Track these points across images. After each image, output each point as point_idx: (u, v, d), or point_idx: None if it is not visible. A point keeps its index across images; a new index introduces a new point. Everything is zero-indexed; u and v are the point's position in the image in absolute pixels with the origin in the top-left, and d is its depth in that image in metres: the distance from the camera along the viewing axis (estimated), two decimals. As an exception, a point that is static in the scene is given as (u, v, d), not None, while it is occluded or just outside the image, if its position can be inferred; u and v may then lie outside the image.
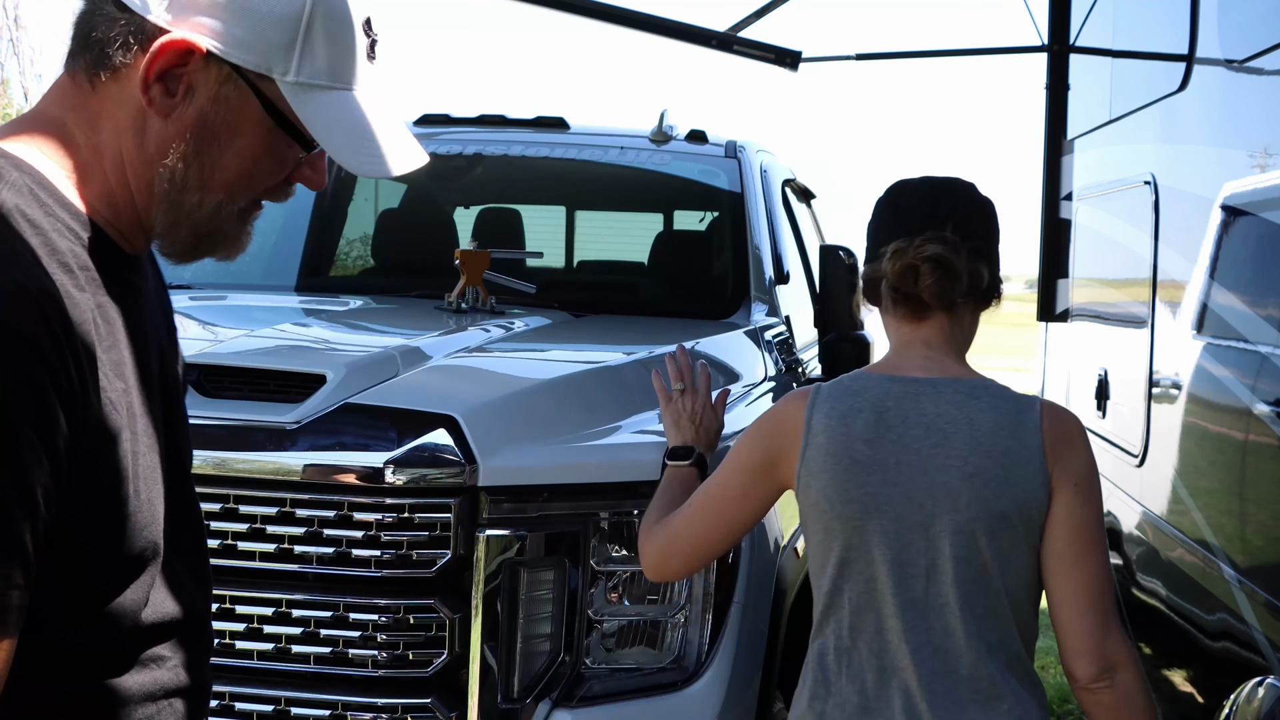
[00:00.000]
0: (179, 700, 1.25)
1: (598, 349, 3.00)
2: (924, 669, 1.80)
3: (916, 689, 1.80)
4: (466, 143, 4.14)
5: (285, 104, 1.18)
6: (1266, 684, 2.30)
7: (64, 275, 1.10)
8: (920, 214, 1.91)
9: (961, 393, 1.85)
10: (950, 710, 1.79)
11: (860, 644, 1.84)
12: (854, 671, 1.84)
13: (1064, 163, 4.43)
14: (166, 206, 1.19)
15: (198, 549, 1.34)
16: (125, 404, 1.15)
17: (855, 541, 1.84)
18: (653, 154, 4.06)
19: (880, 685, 1.82)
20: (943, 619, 1.81)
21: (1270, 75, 2.61)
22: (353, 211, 4.47)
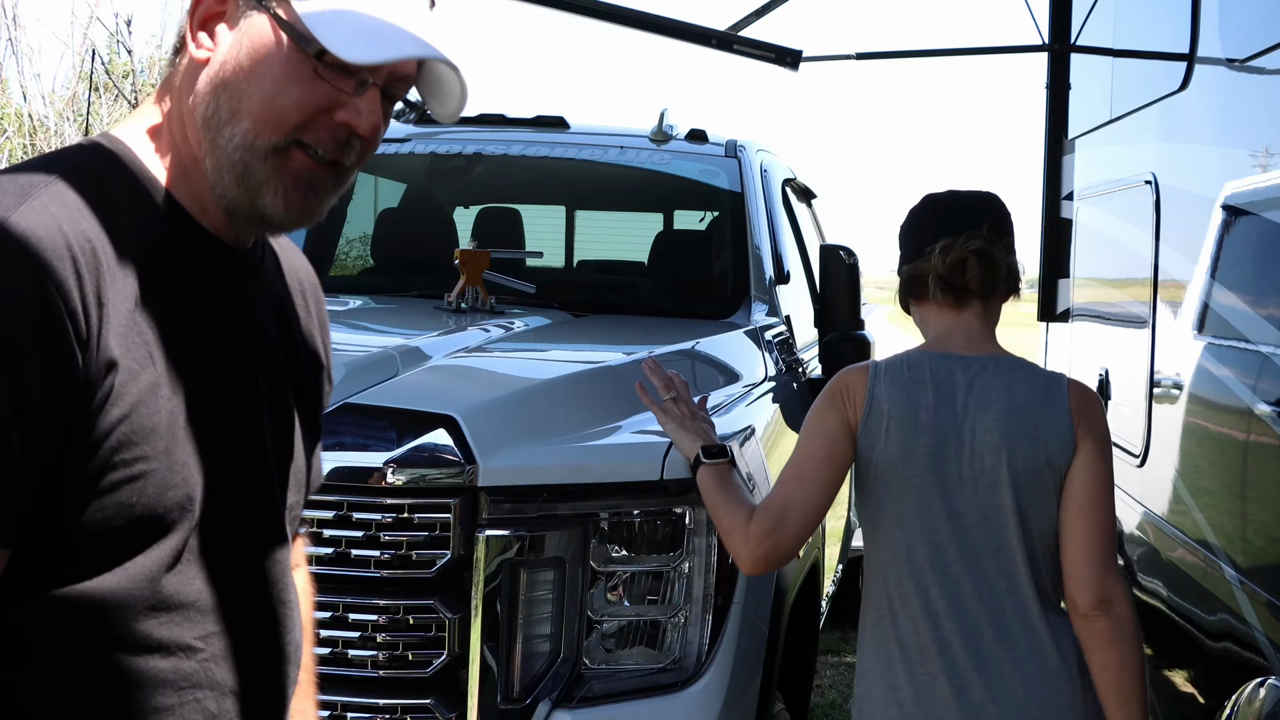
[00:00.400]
0: (208, 697, 1.20)
1: (598, 349, 2.99)
2: (981, 610, 2.09)
3: (977, 629, 2.09)
4: (466, 142, 4.14)
5: (296, 18, 1.18)
6: (1268, 684, 2.30)
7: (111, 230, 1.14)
8: (960, 218, 2.22)
9: (1002, 367, 2.18)
10: (1006, 647, 2.08)
11: (921, 591, 2.11)
12: (916, 616, 2.10)
13: (1065, 162, 4.43)
14: (208, 149, 1.21)
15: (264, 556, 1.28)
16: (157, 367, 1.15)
17: (915, 497, 2.11)
18: (653, 154, 4.06)
19: (939, 629, 2.09)
20: (996, 563, 2.10)
21: (1271, 75, 2.61)
22: (353, 211, 4.47)
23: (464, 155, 4.13)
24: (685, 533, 2.24)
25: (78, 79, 13.02)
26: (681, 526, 2.24)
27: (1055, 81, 4.45)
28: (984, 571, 2.10)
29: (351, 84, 1.19)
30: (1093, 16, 4.15)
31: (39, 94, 13.11)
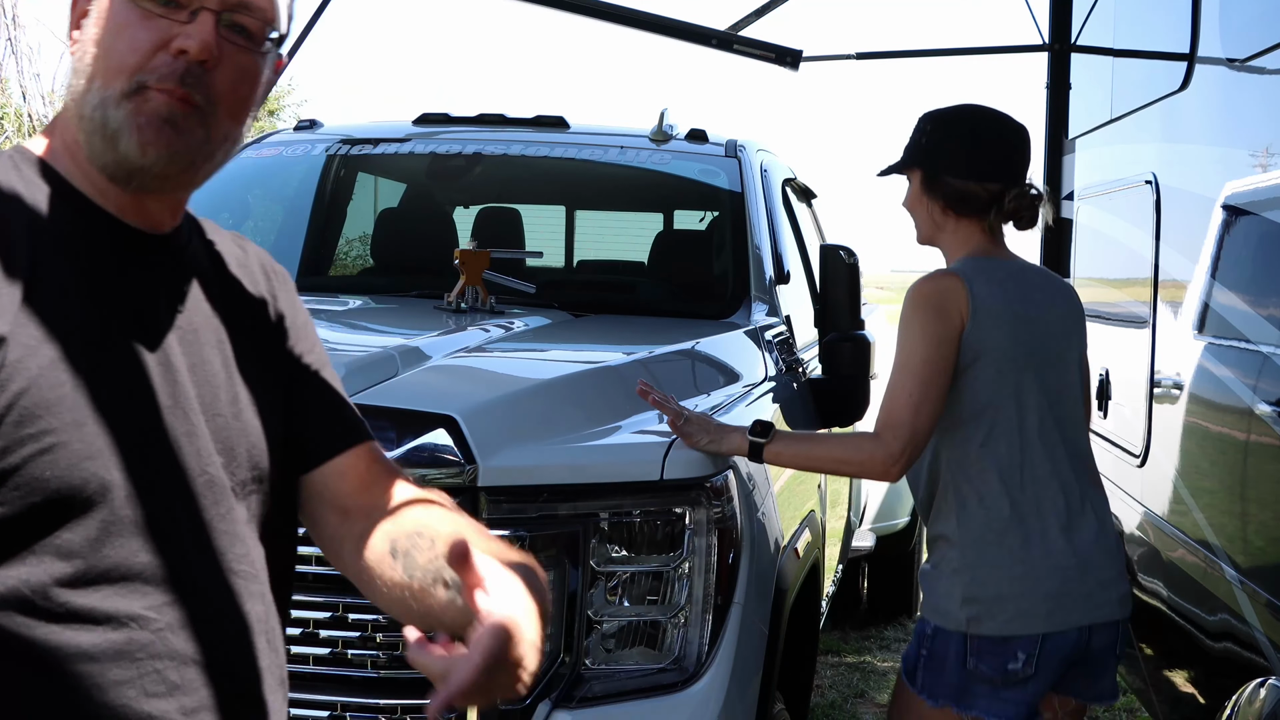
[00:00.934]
0: (169, 667, 1.20)
1: (598, 349, 2.99)
2: (1073, 467, 2.50)
3: (1070, 486, 2.48)
4: (466, 142, 4.14)
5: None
6: (1268, 685, 2.30)
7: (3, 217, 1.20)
8: (1022, 159, 2.60)
9: (1040, 271, 2.69)
10: (1086, 496, 2.50)
11: (1032, 458, 2.45)
12: (1028, 481, 2.45)
13: (1065, 162, 4.43)
14: (79, 123, 1.26)
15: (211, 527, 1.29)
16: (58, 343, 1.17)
17: (1023, 379, 2.46)
18: (653, 153, 4.06)
19: (1048, 488, 2.46)
20: (1075, 429, 2.53)
21: (1271, 74, 2.61)
22: (352, 211, 4.47)
23: (464, 155, 4.12)
24: (685, 533, 2.24)
25: (78, 79, 12.99)
26: (681, 526, 2.24)
27: (1055, 81, 4.45)
28: (1069, 439, 2.50)
29: (184, 14, 1.23)
30: (1093, 16, 4.15)
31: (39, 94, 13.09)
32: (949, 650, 2.46)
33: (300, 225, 4.27)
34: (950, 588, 2.46)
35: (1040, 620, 2.42)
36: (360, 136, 4.26)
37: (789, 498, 2.87)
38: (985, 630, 2.43)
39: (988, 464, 2.45)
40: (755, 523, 2.42)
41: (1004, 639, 2.42)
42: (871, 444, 2.39)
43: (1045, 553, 2.43)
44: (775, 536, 2.69)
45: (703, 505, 2.24)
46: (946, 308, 2.43)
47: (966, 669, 2.44)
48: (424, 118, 4.29)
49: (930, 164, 2.59)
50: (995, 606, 2.42)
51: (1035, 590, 2.42)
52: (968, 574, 2.44)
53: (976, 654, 2.43)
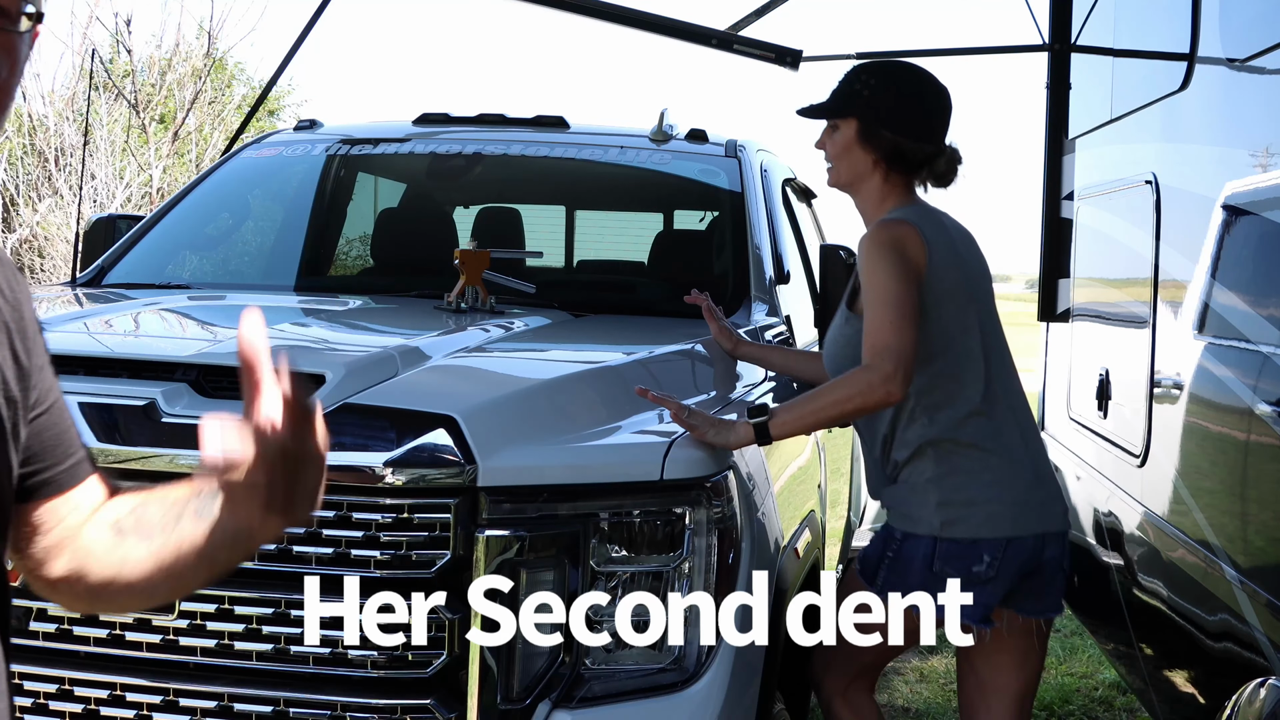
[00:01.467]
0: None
1: (598, 349, 2.99)
2: (1019, 390, 2.76)
3: (1023, 404, 2.73)
4: (466, 142, 4.14)
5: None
6: (1268, 685, 2.30)
7: None
8: (950, 122, 2.76)
9: (952, 218, 2.80)
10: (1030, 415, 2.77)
11: (992, 380, 2.68)
12: (1006, 396, 2.69)
13: (1065, 162, 4.42)
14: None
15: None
16: None
17: (975, 313, 2.68)
18: (653, 153, 4.06)
19: (1020, 406, 2.72)
20: (1010, 358, 2.77)
21: (1272, 74, 2.61)
22: (352, 211, 4.47)
23: (464, 155, 4.12)
24: (685, 533, 2.24)
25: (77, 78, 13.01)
26: (681, 526, 2.24)
27: (1055, 81, 4.44)
28: (1010, 366, 2.76)
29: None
30: (1093, 16, 4.15)
31: (39, 94, 13.10)
32: (916, 553, 2.61)
33: (300, 225, 4.28)
34: (924, 497, 2.62)
35: (1007, 524, 2.60)
36: (360, 136, 4.26)
37: (789, 498, 2.87)
38: (956, 533, 2.59)
39: (956, 389, 2.63)
40: (755, 523, 2.42)
41: (972, 541, 2.58)
42: (865, 374, 2.47)
43: (1009, 462, 2.64)
44: (775, 536, 2.69)
45: (703, 505, 2.24)
46: (907, 252, 2.58)
47: (932, 571, 2.58)
48: (424, 118, 4.30)
49: (870, 116, 2.70)
50: (966, 511, 2.59)
51: (1003, 496, 2.61)
52: (942, 481, 2.61)
53: (944, 558, 2.59)
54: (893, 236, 2.59)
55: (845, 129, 2.73)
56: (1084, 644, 5.63)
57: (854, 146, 2.72)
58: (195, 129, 14.30)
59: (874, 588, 2.61)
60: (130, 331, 2.86)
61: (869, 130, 2.70)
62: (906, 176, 2.74)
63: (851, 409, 2.50)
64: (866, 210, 2.78)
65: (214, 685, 2.11)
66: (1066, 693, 5.04)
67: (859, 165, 2.73)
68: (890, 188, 2.74)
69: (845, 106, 2.73)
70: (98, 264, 3.90)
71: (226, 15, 21.03)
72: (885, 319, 2.50)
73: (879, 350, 2.47)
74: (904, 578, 2.61)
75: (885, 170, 2.72)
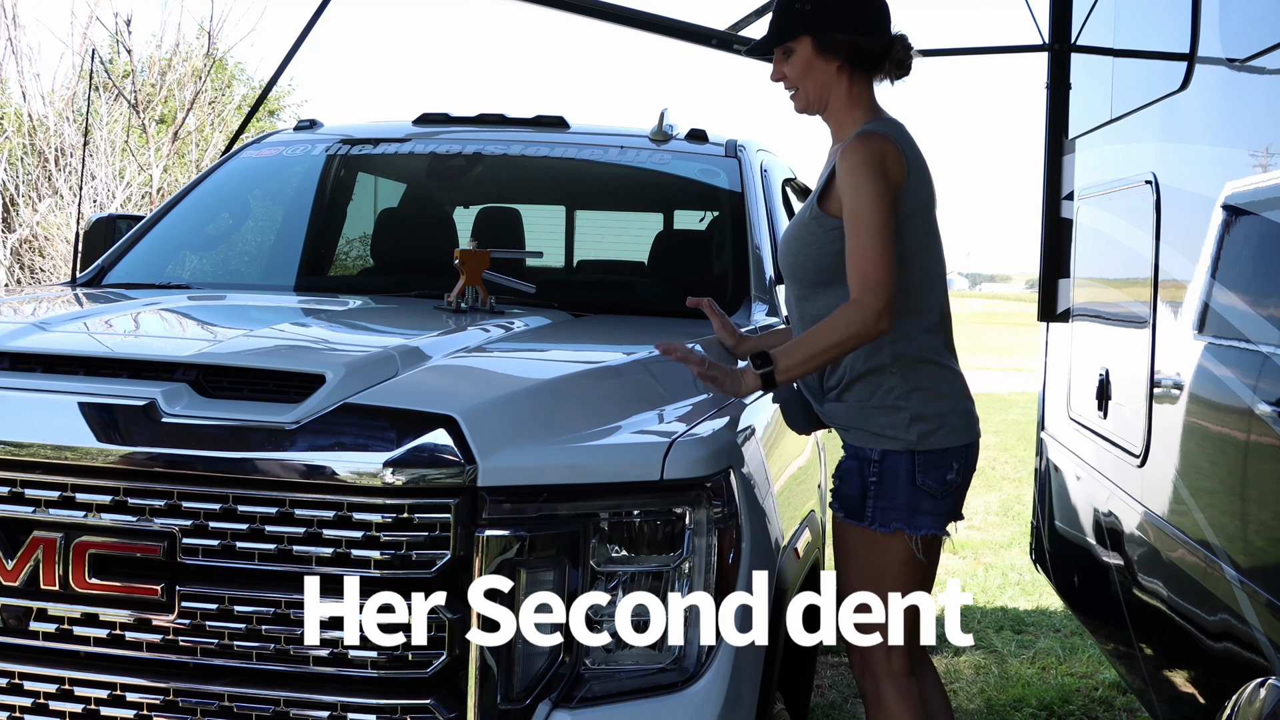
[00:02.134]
0: None
1: (598, 349, 2.99)
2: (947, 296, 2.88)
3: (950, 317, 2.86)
4: (466, 142, 4.14)
5: None
6: (1268, 685, 2.30)
7: None
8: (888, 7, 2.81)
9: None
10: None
11: (945, 296, 2.82)
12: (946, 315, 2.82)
13: (1065, 162, 4.42)
14: None
15: None
16: None
17: (932, 223, 2.77)
18: (653, 153, 4.06)
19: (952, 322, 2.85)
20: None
21: (1272, 74, 2.61)
22: (352, 211, 4.47)
23: (464, 155, 4.12)
24: (685, 532, 2.24)
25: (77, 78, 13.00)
26: (681, 526, 2.24)
27: (1055, 81, 4.44)
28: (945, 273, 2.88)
29: None
30: (1093, 16, 4.15)
31: (39, 93, 13.09)
32: (899, 470, 2.71)
33: (300, 225, 4.28)
34: (896, 415, 2.71)
35: (965, 432, 2.76)
36: (360, 136, 4.26)
37: (789, 498, 2.87)
38: (931, 445, 2.71)
39: (917, 305, 2.72)
40: (755, 523, 2.42)
41: (943, 451, 2.72)
42: (858, 312, 2.58)
43: (955, 374, 2.80)
44: (775, 536, 2.69)
45: (703, 505, 2.24)
46: (888, 169, 2.64)
47: (917, 485, 2.70)
48: (424, 118, 4.30)
49: (820, 26, 2.75)
50: (935, 422, 2.72)
51: (959, 406, 2.77)
52: (911, 397, 2.71)
53: (924, 469, 2.71)
54: (878, 151, 2.65)
55: (800, 49, 2.78)
56: (1084, 644, 5.63)
57: (814, 61, 2.77)
58: (195, 129, 14.30)
59: (865, 522, 2.72)
60: (130, 331, 2.86)
61: (824, 40, 2.75)
62: (869, 75, 2.79)
63: (851, 347, 2.64)
64: (838, 122, 2.83)
65: (214, 685, 2.11)
66: (1066, 693, 5.04)
67: (824, 77, 2.78)
68: (857, 93, 2.79)
69: (793, 27, 2.78)
70: (98, 264, 3.90)
71: (226, 15, 21.05)
72: (872, 247, 2.59)
73: (868, 284, 2.58)
74: (892, 498, 2.71)
75: (850, 73, 2.77)
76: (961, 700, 4.95)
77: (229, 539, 2.12)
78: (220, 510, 2.12)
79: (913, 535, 2.73)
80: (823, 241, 2.74)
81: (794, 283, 2.87)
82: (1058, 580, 4.59)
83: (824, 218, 2.75)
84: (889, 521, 2.72)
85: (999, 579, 6.97)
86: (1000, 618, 6.17)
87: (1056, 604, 6.11)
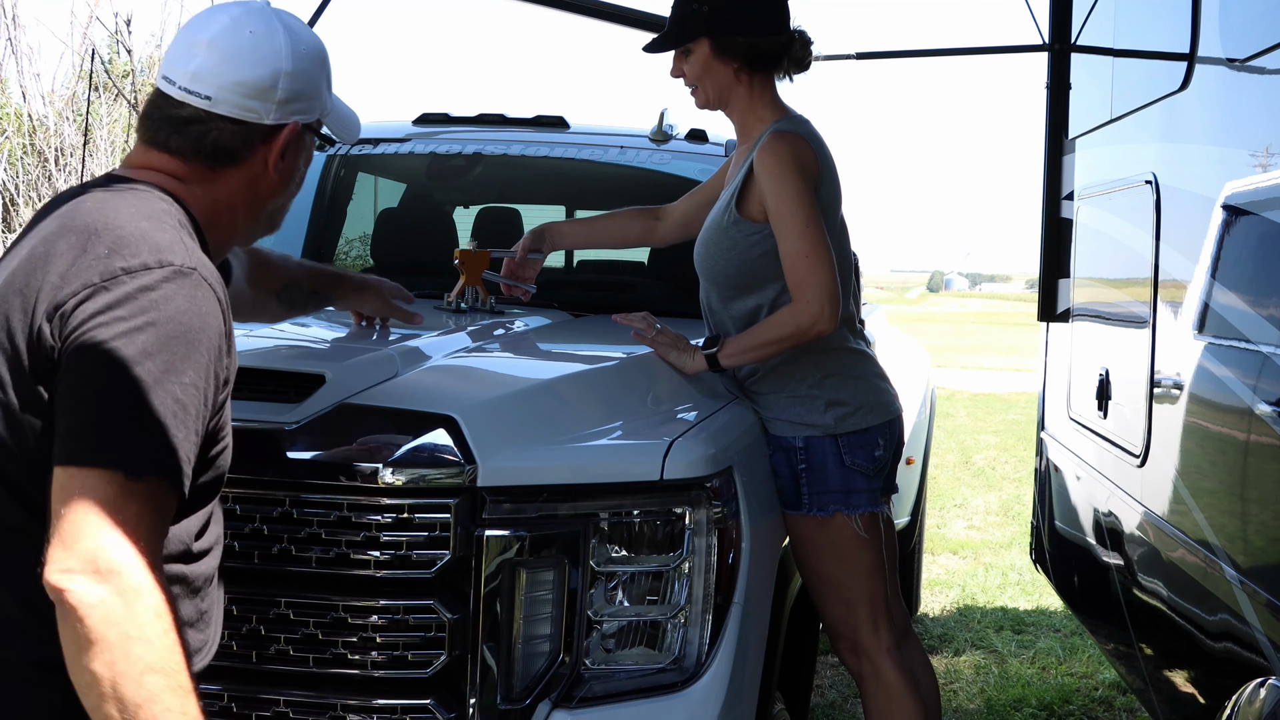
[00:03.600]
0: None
1: (598, 349, 2.99)
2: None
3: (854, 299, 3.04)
4: (466, 142, 4.14)
5: None
6: (1268, 685, 2.30)
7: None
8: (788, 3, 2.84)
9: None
10: None
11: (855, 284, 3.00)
12: (856, 303, 2.98)
13: (1065, 162, 4.42)
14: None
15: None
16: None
17: (841, 215, 2.84)
18: (653, 153, 4.06)
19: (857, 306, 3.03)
20: None
21: (1272, 74, 2.61)
22: (352, 211, 4.47)
23: (464, 155, 4.13)
24: (685, 533, 2.24)
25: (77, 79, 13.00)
26: (681, 526, 2.24)
27: (1055, 81, 4.44)
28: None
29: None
30: (1093, 16, 4.15)
31: (39, 94, 13.09)
32: (825, 454, 2.75)
33: (300, 225, 4.27)
34: (811, 401, 2.77)
35: (884, 409, 2.83)
36: (360, 136, 4.26)
37: (789, 498, 2.87)
38: (851, 426, 2.77)
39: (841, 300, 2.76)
40: (755, 522, 2.42)
41: (865, 430, 2.78)
42: (797, 316, 2.66)
43: (866, 356, 2.87)
44: (775, 536, 2.69)
45: (703, 505, 2.24)
46: (807, 167, 2.69)
47: (846, 466, 2.75)
48: (424, 118, 4.30)
49: (718, 29, 2.75)
50: (851, 405, 2.78)
51: (874, 386, 2.84)
52: (824, 384, 2.77)
53: (849, 450, 2.76)
54: (792, 153, 2.69)
55: (698, 49, 2.80)
56: (1084, 644, 5.63)
57: (711, 63, 2.79)
58: (195, 129, 14.24)
59: (804, 510, 2.74)
60: (130, 331, 2.85)
61: (721, 43, 2.77)
62: (768, 74, 2.81)
63: (789, 346, 2.70)
64: (742, 121, 2.86)
65: (214, 685, 2.11)
66: (1066, 693, 5.04)
67: (722, 78, 2.80)
68: (758, 93, 2.81)
69: (692, 29, 2.79)
70: (98, 264, 3.89)
71: (226, 15, 20.96)
72: (804, 249, 2.66)
73: (806, 287, 2.66)
74: (824, 482, 2.75)
75: (749, 75, 2.79)
76: (961, 700, 4.95)
77: (228, 539, 2.11)
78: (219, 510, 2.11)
79: (851, 515, 2.76)
80: (744, 246, 2.76)
81: (714, 286, 2.88)
82: (1058, 580, 4.59)
83: (744, 223, 2.76)
84: (826, 505, 2.76)
85: (999, 579, 6.97)
86: (1000, 618, 6.17)
87: (1056, 604, 6.11)
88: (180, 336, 1.60)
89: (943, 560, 7.45)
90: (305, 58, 1.90)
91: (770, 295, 2.78)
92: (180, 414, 1.58)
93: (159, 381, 1.56)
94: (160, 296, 1.60)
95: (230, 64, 1.83)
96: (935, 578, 6.92)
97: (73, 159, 12.57)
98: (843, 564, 2.78)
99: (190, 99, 1.83)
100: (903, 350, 5.68)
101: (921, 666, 3.05)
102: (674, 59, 2.86)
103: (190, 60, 1.84)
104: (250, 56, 1.84)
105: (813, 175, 2.71)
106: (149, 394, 1.56)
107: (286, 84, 1.86)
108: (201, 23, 1.89)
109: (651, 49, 2.86)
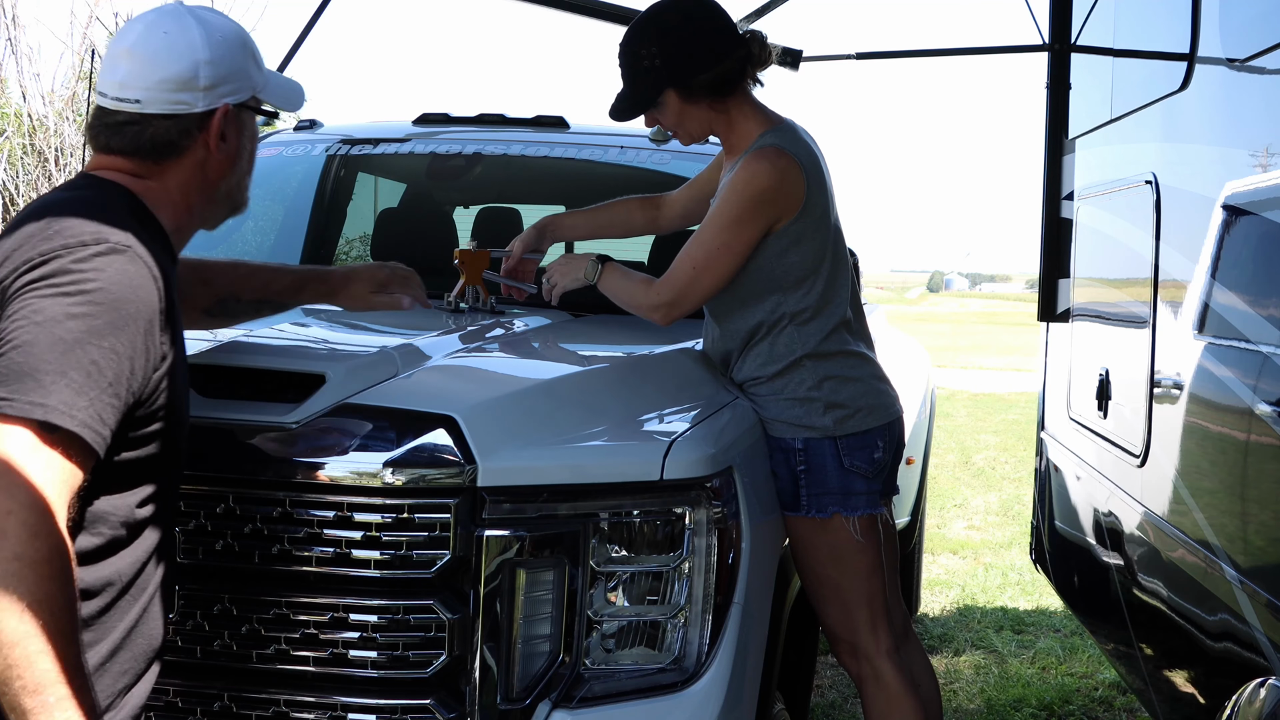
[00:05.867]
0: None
1: (598, 349, 2.99)
2: (851, 280, 2.97)
3: (857, 302, 3.01)
4: (466, 142, 4.14)
5: None
6: (1268, 685, 2.30)
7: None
8: (728, 16, 2.83)
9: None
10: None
11: (855, 290, 2.95)
12: (857, 309, 2.95)
13: (1065, 162, 4.42)
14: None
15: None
16: None
17: (836, 222, 2.86)
18: (653, 154, 4.06)
19: (862, 313, 2.98)
20: None
21: (1272, 74, 2.60)
22: (352, 211, 4.47)
23: (464, 155, 4.12)
24: (685, 533, 2.24)
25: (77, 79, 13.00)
26: (681, 526, 2.24)
27: (1055, 81, 4.43)
28: (846, 258, 2.94)
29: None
30: (1093, 16, 4.15)
31: (38, 93, 13.09)
32: (825, 456, 2.75)
33: (300, 225, 4.28)
34: (810, 404, 2.77)
35: (884, 411, 2.83)
36: (360, 136, 4.26)
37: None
38: (850, 428, 2.77)
39: (825, 305, 2.80)
40: (755, 523, 2.42)
41: (865, 432, 2.78)
42: (649, 297, 2.82)
43: (867, 358, 2.87)
44: (775, 537, 2.69)
45: (703, 505, 2.24)
46: (777, 199, 2.71)
47: (845, 468, 2.76)
48: (424, 118, 4.29)
49: (678, 77, 2.76)
50: (850, 408, 2.78)
51: (874, 388, 2.84)
52: (822, 386, 2.77)
53: (848, 452, 2.77)
54: (772, 179, 2.70)
55: (666, 101, 2.81)
56: (1084, 644, 5.63)
57: (682, 109, 2.81)
58: (195, 129, 14.24)
59: (803, 511, 2.74)
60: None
61: (685, 90, 2.78)
62: (738, 90, 2.82)
63: (632, 311, 2.88)
64: (727, 142, 2.88)
65: (214, 685, 2.11)
66: (1066, 693, 5.04)
67: (699, 117, 2.83)
68: (736, 113, 2.83)
69: (653, 85, 2.79)
70: (98, 264, 3.89)
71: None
72: (700, 260, 2.73)
73: (671, 286, 2.76)
74: (823, 483, 2.75)
75: (723, 102, 2.81)
76: (961, 700, 4.95)
77: (228, 539, 2.12)
78: (220, 510, 2.12)
79: (849, 517, 2.76)
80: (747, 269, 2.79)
81: (710, 303, 2.90)
82: (1058, 580, 4.59)
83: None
84: (825, 506, 2.76)
85: (999, 579, 6.97)
86: (1000, 618, 6.17)
87: (1056, 604, 6.11)
88: (108, 305, 1.68)
89: (943, 560, 7.45)
90: (221, 44, 2.00)
91: (771, 307, 2.79)
92: (95, 374, 1.65)
93: (79, 341, 1.64)
94: (92, 268, 1.69)
95: (151, 65, 1.95)
96: (935, 578, 6.92)
97: (72, 159, 12.56)
98: (841, 566, 2.78)
99: (123, 106, 1.97)
100: (903, 350, 5.68)
101: (922, 667, 3.05)
102: (645, 118, 2.86)
103: (115, 71, 1.97)
104: (168, 55, 1.96)
105: (790, 197, 2.71)
106: (66, 351, 1.63)
107: (207, 71, 1.97)
108: (121, 35, 2.02)
109: (617, 116, 2.85)
